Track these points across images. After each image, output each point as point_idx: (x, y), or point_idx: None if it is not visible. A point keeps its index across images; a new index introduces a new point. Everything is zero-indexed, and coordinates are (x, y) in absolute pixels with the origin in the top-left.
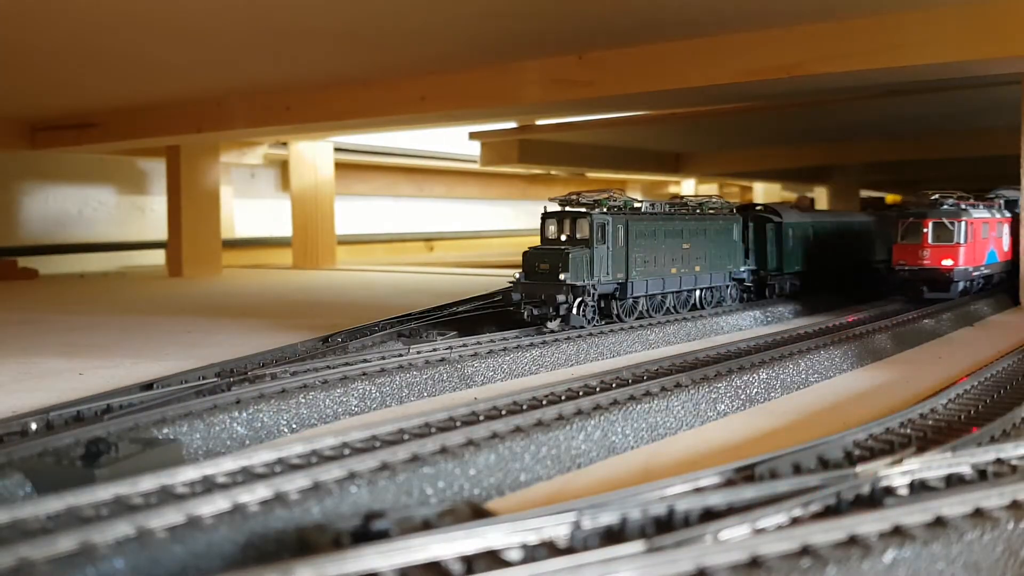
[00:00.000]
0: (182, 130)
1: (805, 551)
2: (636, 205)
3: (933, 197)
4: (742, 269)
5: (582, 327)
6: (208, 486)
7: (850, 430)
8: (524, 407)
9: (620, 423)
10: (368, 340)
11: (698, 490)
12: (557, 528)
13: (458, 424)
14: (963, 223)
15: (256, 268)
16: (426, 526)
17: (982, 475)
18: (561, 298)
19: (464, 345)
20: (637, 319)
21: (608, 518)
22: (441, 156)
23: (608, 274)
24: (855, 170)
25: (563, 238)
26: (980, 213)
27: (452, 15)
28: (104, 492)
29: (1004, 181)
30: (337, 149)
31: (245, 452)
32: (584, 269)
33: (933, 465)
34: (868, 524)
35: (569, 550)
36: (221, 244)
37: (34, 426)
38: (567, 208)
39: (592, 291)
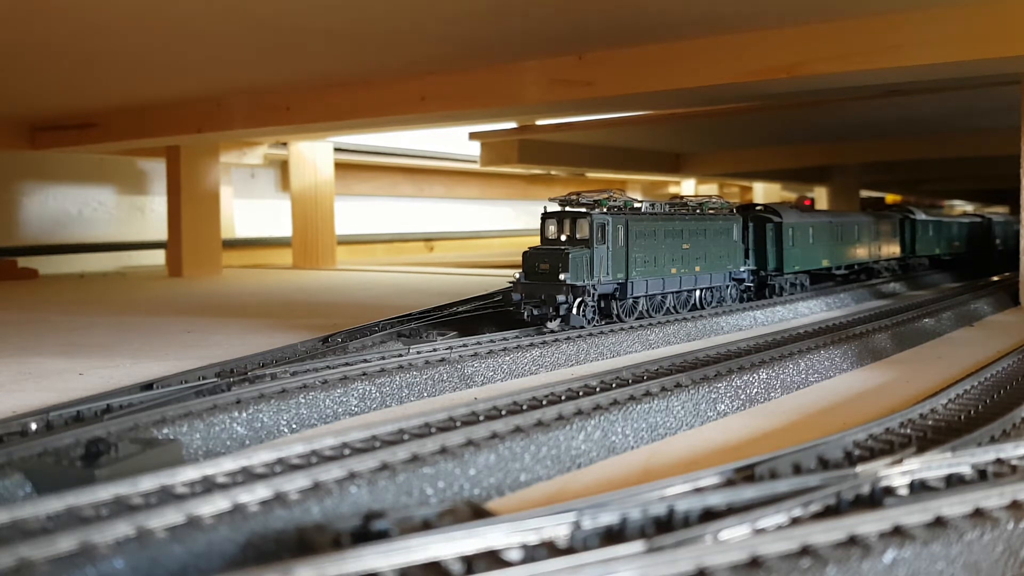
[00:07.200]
0: (182, 130)
1: (805, 551)
2: (636, 205)
3: None
4: (742, 269)
5: (582, 327)
6: (208, 486)
7: (850, 430)
8: (524, 407)
9: (620, 423)
10: (368, 340)
11: (698, 490)
12: (557, 528)
13: (458, 424)
14: None
15: (256, 268)
16: (426, 526)
17: (982, 475)
18: (561, 298)
19: (464, 345)
20: (637, 319)
21: (608, 518)
22: (441, 156)
23: (608, 274)
24: (855, 170)
25: (563, 238)
26: None
27: (452, 15)
28: (104, 492)
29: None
30: (337, 149)
31: (245, 452)
32: (584, 269)
33: (933, 465)
34: (868, 524)
35: (569, 550)
36: (221, 244)
37: (34, 426)
38: (567, 208)
39: (592, 291)
